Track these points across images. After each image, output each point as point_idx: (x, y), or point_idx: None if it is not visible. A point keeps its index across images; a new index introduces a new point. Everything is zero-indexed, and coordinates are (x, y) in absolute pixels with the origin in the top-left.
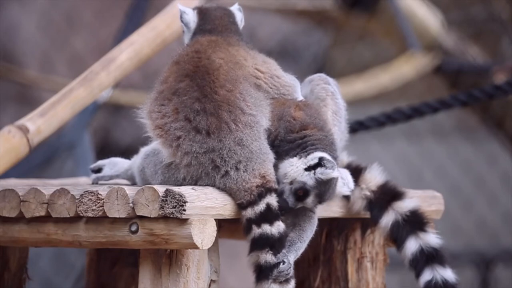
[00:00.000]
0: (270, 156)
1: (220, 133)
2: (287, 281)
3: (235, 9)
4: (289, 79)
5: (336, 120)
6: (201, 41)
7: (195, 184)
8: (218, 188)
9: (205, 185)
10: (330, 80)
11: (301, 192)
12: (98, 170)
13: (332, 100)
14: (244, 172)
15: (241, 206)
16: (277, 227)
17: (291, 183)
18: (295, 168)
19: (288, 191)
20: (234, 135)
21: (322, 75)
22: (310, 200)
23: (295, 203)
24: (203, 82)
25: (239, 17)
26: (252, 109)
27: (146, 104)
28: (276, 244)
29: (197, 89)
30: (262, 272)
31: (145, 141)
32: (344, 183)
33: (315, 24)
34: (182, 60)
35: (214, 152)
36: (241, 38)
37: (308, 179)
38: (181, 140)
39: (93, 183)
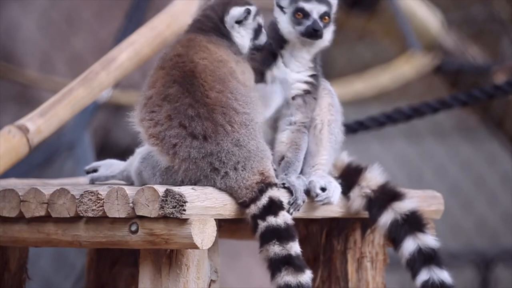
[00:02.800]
0: (268, 153)
1: (217, 136)
2: (301, 270)
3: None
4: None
5: (333, 115)
6: (182, 41)
7: (195, 185)
8: (219, 188)
9: (205, 186)
10: (327, 83)
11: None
12: (93, 171)
13: (329, 97)
14: (243, 170)
15: (243, 205)
16: (283, 218)
17: None
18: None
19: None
20: (231, 136)
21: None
22: None
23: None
24: (193, 87)
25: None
26: (245, 107)
27: (136, 110)
28: (283, 234)
29: (187, 94)
30: (274, 264)
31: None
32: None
33: None
34: (167, 65)
35: (212, 156)
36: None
37: None
38: (177, 147)
39: (90, 183)
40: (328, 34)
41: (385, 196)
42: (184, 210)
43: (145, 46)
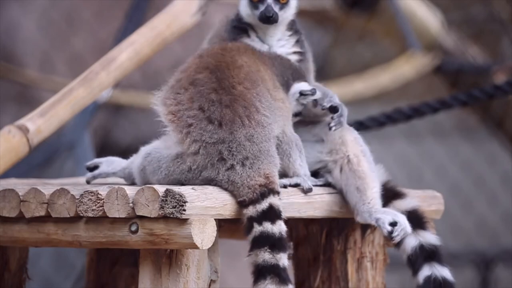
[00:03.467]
0: (276, 161)
1: (233, 125)
2: (285, 282)
3: None
4: None
5: (362, 146)
6: (238, 44)
7: (200, 175)
8: (221, 180)
9: (209, 176)
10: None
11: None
12: (95, 167)
13: (350, 132)
14: (249, 168)
15: (242, 204)
16: (279, 227)
17: None
18: None
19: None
20: (246, 130)
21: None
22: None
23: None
24: (223, 75)
25: None
26: (266, 110)
27: (161, 91)
28: (276, 243)
29: (215, 81)
30: (260, 271)
31: (145, 141)
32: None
33: (315, 24)
34: (205, 54)
35: (223, 144)
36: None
37: None
38: (192, 127)
39: (87, 182)
40: (289, 11)
41: (386, 194)
42: (184, 210)
43: (145, 46)
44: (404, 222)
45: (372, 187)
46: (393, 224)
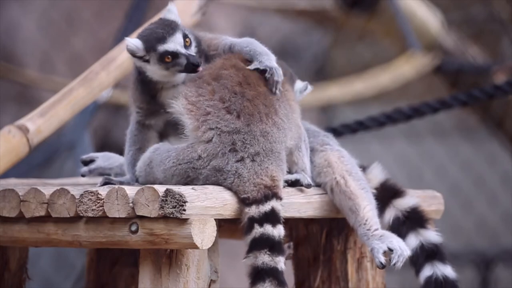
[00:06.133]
0: (284, 168)
1: (251, 118)
2: (283, 286)
3: None
4: None
5: (348, 165)
6: None
7: (208, 164)
8: (228, 171)
9: (217, 166)
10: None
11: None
12: (90, 161)
13: (332, 151)
14: (258, 165)
15: (245, 202)
16: (279, 231)
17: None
18: None
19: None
20: (262, 126)
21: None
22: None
23: None
24: (250, 73)
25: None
26: (284, 117)
27: (182, 87)
28: (275, 246)
29: (241, 76)
30: (258, 274)
31: None
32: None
33: (315, 24)
34: (232, 56)
35: (239, 134)
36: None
37: None
38: (209, 116)
39: (82, 176)
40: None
41: (386, 193)
42: (184, 210)
43: None
44: (400, 247)
45: (364, 206)
46: (390, 250)
